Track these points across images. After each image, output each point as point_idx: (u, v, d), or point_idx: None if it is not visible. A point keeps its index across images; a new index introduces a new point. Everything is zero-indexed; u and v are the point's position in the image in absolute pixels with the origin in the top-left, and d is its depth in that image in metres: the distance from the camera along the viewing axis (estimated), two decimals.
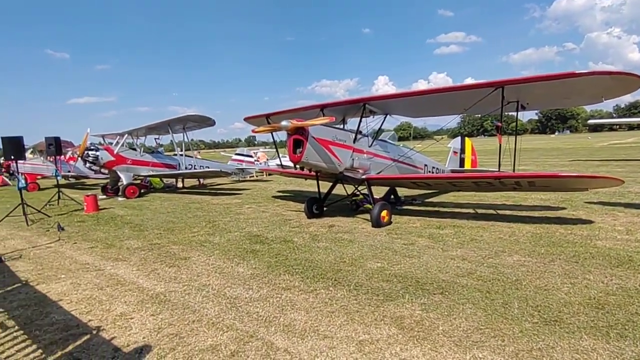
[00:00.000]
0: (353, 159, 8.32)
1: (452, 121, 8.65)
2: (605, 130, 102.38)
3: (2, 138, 10.29)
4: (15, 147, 10.44)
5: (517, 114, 7.61)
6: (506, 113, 8.07)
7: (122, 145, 15.85)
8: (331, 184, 9.60)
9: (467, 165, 12.80)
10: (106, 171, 16.27)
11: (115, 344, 3.69)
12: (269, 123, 9.62)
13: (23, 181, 11.47)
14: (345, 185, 9.64)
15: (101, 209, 12.11)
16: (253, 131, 8.68)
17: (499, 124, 7.14)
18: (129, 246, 7.41)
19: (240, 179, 20.93)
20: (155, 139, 18.42)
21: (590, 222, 7.50)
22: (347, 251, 6.42)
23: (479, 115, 9.07)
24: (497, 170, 7.57)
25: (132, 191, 14.92)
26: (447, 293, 4.54)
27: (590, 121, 48.55)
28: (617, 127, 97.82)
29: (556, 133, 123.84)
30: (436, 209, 10.02)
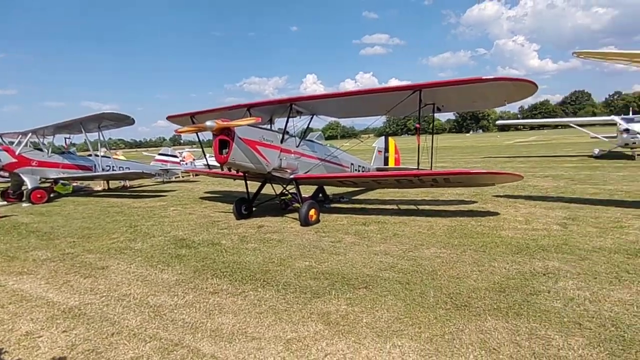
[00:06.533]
0: (281, 159, 8.36)
1: (376, 121, 9.05)
2: (511, 129, 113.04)
3: None
4: None
5: (433, 116, 8.18)
6: (425, 114, 8.65)
7: (26, 145, 14.32)
8: (260, 184, 9.56)
9: (391, 164, 13.44)
10: (6, 174, 14.59)
11: None
12: (193, 123, 9.31)
13: None
14: (273, 185, 9.65)
15: (0, 217, 10.85)
16: (176, 131, 8.35)
17: (418, 125, 7.63)
18: (35, 257, 6.74)
19: (165, 180, 19.96)
20: (65, 138, 16.90)
21: (497, 214, 8.30)
22: (275, 251, 6.45)
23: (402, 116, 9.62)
24: (416, 168, 8.08)
25: (39, 196, 13.54)
26: (370, 287, 4.76)
27: (499, 122, 53.63)
28: (522, 127, 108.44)
29: (470, 132, 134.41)
30: (362, 206, 10.41)
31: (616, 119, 20.59)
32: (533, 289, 4.37)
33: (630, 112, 24.45)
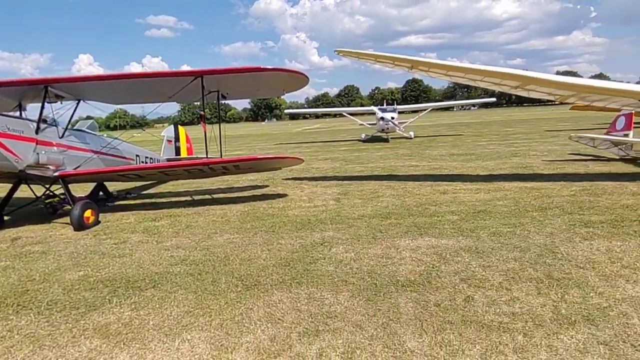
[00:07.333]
0: (38, 154, 6.86)
1: (158, 107, 8.38)
2: (301, 118, 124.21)
3: None
4: None
5: (218, 103, 8.14)
6: (212, 101, 8.54)
7: None
8: (11, 185, 7.66)
9: (183, 154, 12.87)
10: None
11: None
12: None
13: None
14: (32, 185, 7.89)
15: None
16: None
17: (202, 112, 7.47)
18: None
19: None
20: None
21: (286, 195, 8.97)
22: (38, 266, 5.30)
23: (197, 103, 9.18)
24: (205, 157, 7.94)
25: None
26: (160, 285, 4.43)
27: (287, 110, 58.35)
28: (308, 115, 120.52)
29: (266, 121, 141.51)
30: (153, 200, 9.67)
31: (374, 109, 25.10)
32: (312, 258, 4.89)
33: (385, 104, 30.20)
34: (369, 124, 26.12)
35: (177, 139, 12.45)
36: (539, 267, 4.19)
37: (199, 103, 8.37)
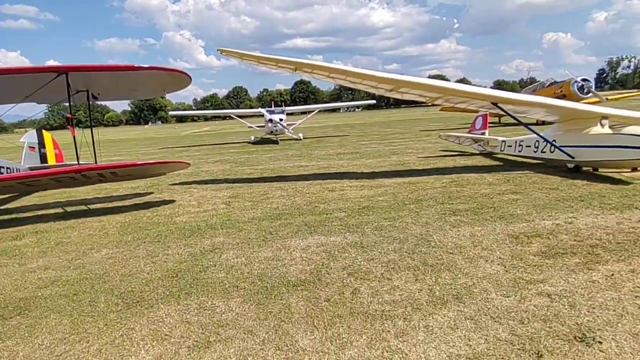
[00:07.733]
0: None
1: (10, 110, 7.23)
2: (188, 120, 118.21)
3: None
4: None
5: (89, 104, 7.35)
6: (81, 102, 7.69)
7: None
8: None
9: (51, 161, 11.34)
10: None
11: None
12: None
13: None
14: None
15: None
16: None
17: (69, 115, 6.66)
18: None
19: None
20: None
21: (173, 201, 8.50)
22: None
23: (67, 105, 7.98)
24: (77, 163, 7.11)
25: None
26: (27, 311, 3.90)
27: (171, 112, 55.18)
28: (197, 118, 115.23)
29: (149, 124, 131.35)
30: (13, 215, 8.36)
31: (262, 111, 25.16)
32: (202, 266, 4.73)
33: (273, 105, 30.46)
34: (258, 126, 26.03)
35: (42, 145, 10.91)
36: (416, 255, 4.64)
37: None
